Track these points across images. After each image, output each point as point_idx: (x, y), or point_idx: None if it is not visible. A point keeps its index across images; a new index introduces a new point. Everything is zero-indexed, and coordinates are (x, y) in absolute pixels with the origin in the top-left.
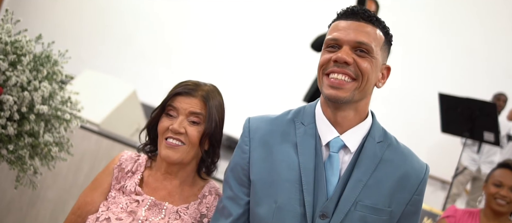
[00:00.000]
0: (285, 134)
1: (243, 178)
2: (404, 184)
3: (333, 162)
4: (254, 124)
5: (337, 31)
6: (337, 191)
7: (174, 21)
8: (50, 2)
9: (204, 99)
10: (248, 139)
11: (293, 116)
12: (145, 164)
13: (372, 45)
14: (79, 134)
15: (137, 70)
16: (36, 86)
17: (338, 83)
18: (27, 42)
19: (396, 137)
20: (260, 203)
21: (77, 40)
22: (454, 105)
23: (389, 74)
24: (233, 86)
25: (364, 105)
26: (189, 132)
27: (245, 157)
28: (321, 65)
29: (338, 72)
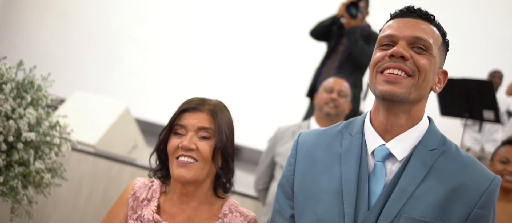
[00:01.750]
0: (330, 145)
1: (288, 191)
2: (461, 196)
3: (377, 172)
4: (302, 137)
5: (391, 29)
6: (379, 203)
7: (161, 34)
8: (32, 26)
9: (212, 113)
10: (295, 151)
11: (342, 127)
12: (159, 190)
13: (431, 41)
14: (75, 157)
15: (128, 86)
16: (21, 113)
17: (394, 77)
18: (8, 70)
19: None
20: (301, 215)
21: (65, 62)
22: (451, 88)
23: (446, 80)
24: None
25: (419, 110)
26: (200, 148)
27: (290, 169)
28: (374, 64)
29: (394, 67)
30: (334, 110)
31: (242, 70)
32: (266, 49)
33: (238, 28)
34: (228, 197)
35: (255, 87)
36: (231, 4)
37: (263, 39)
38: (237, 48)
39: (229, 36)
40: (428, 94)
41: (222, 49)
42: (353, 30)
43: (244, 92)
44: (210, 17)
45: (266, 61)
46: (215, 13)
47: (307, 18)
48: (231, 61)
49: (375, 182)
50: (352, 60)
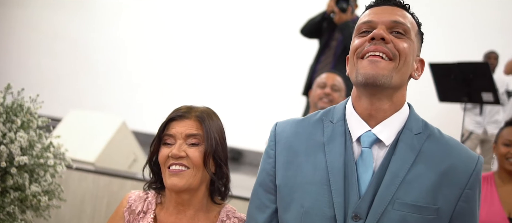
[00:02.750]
0: (311, 135)
1: (269, 184)
2: (451, 178)
3: (365, 158)
4: (280, 127)
5: (369, 16)
6: (370, 189)
7: (152, 42)
8: (21, 48)
9: (199, 119)
10: (273, 143)
11: (321, 115)
12: (155, 201)
13: (408, 25)
14: (75, 176)
15: (123, 100)
16: (12, 138)
17: (375, 59)
18: None
19: None
20: (287, 208)
21: (57, 82)
22: (447, 73)
23: (423, 68)
24: (222, 102)
25: (400, 97)
26: (190, 154)
27: (270, 161)
28: (354, 50)
29: (375, 49)
30: (328, 105)
31: (238, 74)
32: (261, 51)
33: (232, 33)
34: (225, 203)
35: (252, 90)
36: (224, 11)
37: (258, 41)
38: (231, 53)
39: (223, 41)
40: (408, 81)
41: (216, 55)
42: (346, 25)
43: (241, 96)
44: (203, 23)
45: (261, 63)
46: (208, 19)
47: (300, 16)
48: (227, 66)
49: (364, 168)
50: (347, 53)
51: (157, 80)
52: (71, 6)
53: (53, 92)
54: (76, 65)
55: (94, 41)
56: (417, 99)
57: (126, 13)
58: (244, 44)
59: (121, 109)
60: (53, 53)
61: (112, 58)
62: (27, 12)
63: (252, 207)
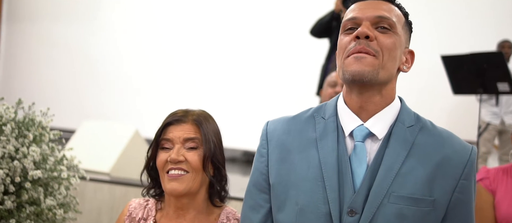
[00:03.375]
0: (303, 132)
1: (262, 184)
2: (446, 169)
3: (358, 152)
4: (271, 125)
5: (353, 12)
6: (365, 183)
7: (160, 47)
8: (33, 60)
9: (197, 122)
10: (265, 141)
11: (313, 112)
12: (155, 207)
13: (394, 19)
14: (90, 187)
15: (136, 108)
16: (25, 152)
17: (360, 55)
18: (6, 111)
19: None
20: (281, 207)
21: (70, 93)
22: (460, 65)
23: (413, 59)
24: (228, 104)
25: (390, 90)
26: (189, 158)
27: (263, 160)
28: (341, 50)
29: (359, 51)
30: None
31: (247, 77)
32: (267, 51)
33: (239, 35)
34: (225, 205)
35: (258, 91)
36: (231, 14)
37: (264, 41)
38: (238, 54)
39: (230, 43)
40: (397, 75)
41: (225, 60)
42: None
43: (248, 97)
44: (209, 26)
45: (267, 64)
46: (215, 22)
47: (306, 17)
48: (235, 70)
49: (357, 163)
50: None
51: (167, 88)
52: (80, 19)
53: (65, 104)
54: (87, 77)
55: (105, 52)
56: (431, 92)
57: (134, 24)
58: (251, 46)
59: (134, 118)
60: (63, 65)
61: (122, 68)
62: (38, 27)
63: (246, 207)
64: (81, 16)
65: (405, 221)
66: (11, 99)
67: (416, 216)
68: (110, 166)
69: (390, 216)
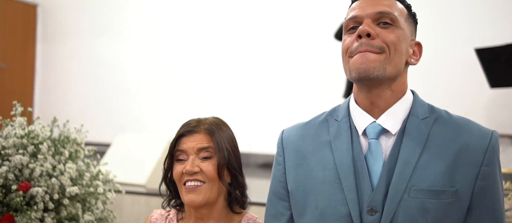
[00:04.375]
0: (317, 135)
1: (281, 191)
2: (466, 156)
3: (373, 150)
4: (286, 133)
5: (354, 10)
6: (383, 180)
7: (190, 60)
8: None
9: (209, 132)
10: (281, 149)
11: (326, 115)
12: (176, 218)
13: (395, 13)
14: (128, 200)
15: (168, 119)
16: (62, 169)
17: (364, 55)
18: (42, 129)
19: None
20: (302, 213)
21: (104, 107)
22: (496, 57)
23: (421, 51)
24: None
25: (400, 85)
26: (204, 168)
27: (280, 168)
28: (345, 50)
29: (363, 51)
30: None
31: (270, 82)
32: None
33: (264, 45)
34: (245, 212)
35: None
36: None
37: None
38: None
39: (256, 53)
40: (406, 68)
41: (249, 64)
42: None
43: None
44: (234, 35)
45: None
46: (239, 31)
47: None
48: (258, 75)
49: (373, 160)
50: None
51: (195, 96)
52: (109, 34)
53: (100, 118)
54: (119, 90)
55: (133, 65)
56: (467, 87)
57: (160, 36)
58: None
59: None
60: (96, 80)
61: (151, 79)
62: (70, 44)
63: (268, 216)
64: (109, 31)
65: (428, 215)
66: (48, 116)
67: (438, 209)
68: (145, 178)
69: (412, 211)
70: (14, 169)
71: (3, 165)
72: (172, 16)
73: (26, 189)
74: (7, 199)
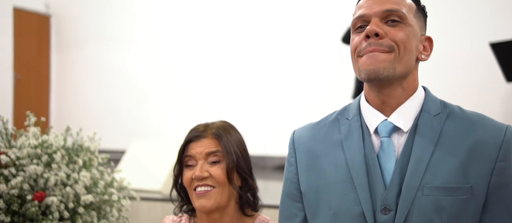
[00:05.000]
0: (329, 135)
1: (294, 192)
2: (480, 153)
3: (385, 148)
4: (297, 134)
5: (361, 9)
6: (395, 179)
7: (202, 65)
8: (80, 85)
9: (216, 136)
10: (293, 150)
11: (337, 114)
12: None
13: (403, 10)
14: (144, 206)
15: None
16: (76, 178)
17: (373, 56)
18: (55, 139)
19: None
20: (315, 214)
21: (118, 115)
22: (511, 50)
23: (432, 46)
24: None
25: (411, 82)
26: (213, 173)
27: (292, 169)
28: (354, 50)
29: (372, 51)
30: None
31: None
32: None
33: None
34: (258, 214)
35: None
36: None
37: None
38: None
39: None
40: (416, 65)
41: (264, 68)
42: None
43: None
44: (249, 40)
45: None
46: (246, 35)
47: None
48: (272, 78)
49: (386, 159)
50: None
51: (207, 100)
52: (121, 42)
53: (114, 125)
54: (132, 97)
55: (146, 72)
56: (483, 82)
57: (172, 42)
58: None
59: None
60: (109, 88)
61: (164, 85)
62: (84, 53)
63: (281, 218)
64: (121, 39)
65: (442, 212)
66: (64, 124)
67: (453, 206)
68: (161, 183)
69: (426, 209)
70: (29, 179)
71: (18, 175)
72: (182, 21)
73: (41, 199)
74: (23, 209)
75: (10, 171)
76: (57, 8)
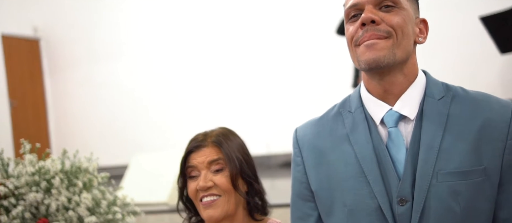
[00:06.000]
0: (333, 130)
1: (305, 192)
2: (490, 132)
3: (394, 138)
4: (300, 131)
5: None
6: (408, 168)
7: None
8: (80, 103)
9: (216, 144)
10: (298, 149)
11: (339, 107)
12: None
13: None
14: (152, 220)
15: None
16: (77, 201)
17: (371, 44)
18: (52, 163)
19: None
20: (330, 212)
21: (118, 130)
22: (502, 22)
23: (427, 28)
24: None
25: (411, 67)
26: (217, 182)
27: (299, 169)
28: (350, 39)
29: (368, 38)
30: None
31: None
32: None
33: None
34: (268, 218)
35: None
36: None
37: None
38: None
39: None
40: (414, 49)
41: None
42: None
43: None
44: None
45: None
46: (243, 36)
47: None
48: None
49: (396, 149)
50: None
51: (204, 106)
52: (114, 56)
53: (114, 141)
54: (129, 111)
55: (140, 84)
56: (478, 58)
57: (164, 51)
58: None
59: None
60: (106, 104)
61: (160, 95)
62: (77, 72)
63: (294, 219)
64: (114, 55)
65: (459, 197)
66: (64, 146)
67: (469, 189)
68: (167, 195)
69: (443, 195)
70: (30, 207)
71: (19, 205)
72: (173, 24)
73: None
74: None
75: (10, 202)
76: (45, 31)
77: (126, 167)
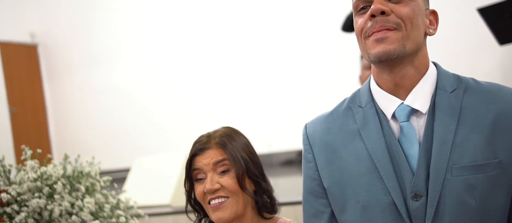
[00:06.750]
0: (344, 125)
1: (317, 189)
2: (504, 124)
3: (406, 133)
4: (310, 128)
5: None
6: (422, 163)
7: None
8: (79, 110)
9: (220, 145)
10: (308, 146)
11: (348, 102)
12: None
13: None
14: (155, 222)
15: (182, 134)
16: (81, 206)
17: (381, 35)
18: (54, 169)
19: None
20: (343, 209)
21: (120, 133)
22: (500, 12)
23: (437, 19)
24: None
25: (422, 59)
26: (224, 183)
27: (311, 166)
28: (359, 31)
29: (378, 30)
30: None
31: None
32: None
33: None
34: (277, 217)
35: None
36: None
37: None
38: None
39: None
40: (425, 40)
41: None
42: None
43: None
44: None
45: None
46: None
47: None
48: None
49: (408, 144)
50: None
51: (205, 105)
52: (113, 59)
53: (116, 144)
54: (130, 114)
55: (140, 87)
56: (476, 49)
57: (164, 51)
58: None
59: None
60: (107, 107)
61: (160, 97)
62: (76, 76)
63: (307, 216)
64: (111, 56)
65: (475, 191)
66: (66, 151)
67: (485, 183)
68: (169, 197)
69: (458, 190)
70: (33, 214)
71: (22, 211)
72: (172, 25)
73: None
74: None
75: (13, 208)
76: (42, 36)
77: (128, 170)
